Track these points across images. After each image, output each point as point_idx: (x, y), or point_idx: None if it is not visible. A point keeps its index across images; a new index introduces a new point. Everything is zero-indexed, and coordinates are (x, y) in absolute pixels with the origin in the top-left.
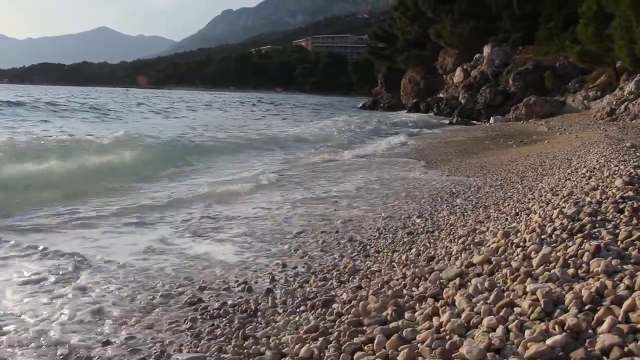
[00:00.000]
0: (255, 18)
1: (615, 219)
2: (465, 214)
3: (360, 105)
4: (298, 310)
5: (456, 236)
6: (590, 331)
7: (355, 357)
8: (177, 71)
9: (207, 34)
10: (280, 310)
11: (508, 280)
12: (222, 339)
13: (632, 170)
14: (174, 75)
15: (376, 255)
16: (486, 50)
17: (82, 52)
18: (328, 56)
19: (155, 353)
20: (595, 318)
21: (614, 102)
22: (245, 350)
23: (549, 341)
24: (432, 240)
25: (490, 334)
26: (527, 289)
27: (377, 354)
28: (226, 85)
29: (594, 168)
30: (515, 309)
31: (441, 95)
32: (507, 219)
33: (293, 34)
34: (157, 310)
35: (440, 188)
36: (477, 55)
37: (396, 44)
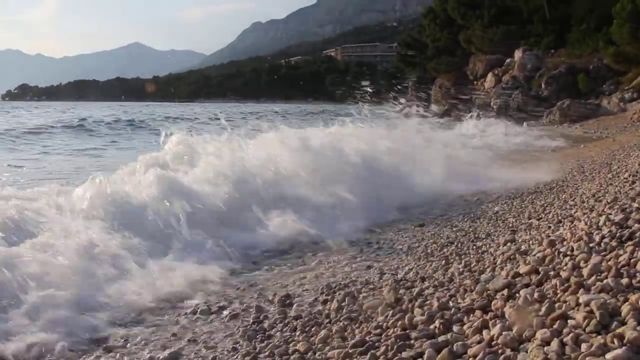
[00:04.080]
0: (284, 30)
1: None
2: (506, 221)
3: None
4: (343, 323)
5: (499, 244)
6: None
7: None
8: (208, 84)
9: (237, 46)
10: (326, 322)
11: (558, 291)
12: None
13: None
14: (206, 88)
15: None
16: (517, 54)
17: (115, 68)
18: (358, 65)
19: None
20: None
21: None
22: None
23: (608, 356)
24: (473, 249)
25: (545, 348)
26: (580, 300)
27: None
28: (257, 97)
29: (637, 172)
30: (569, 321)
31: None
32: (549, 227)
33: (322, 44)
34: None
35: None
36: (508, 60)
37: (426, 51)
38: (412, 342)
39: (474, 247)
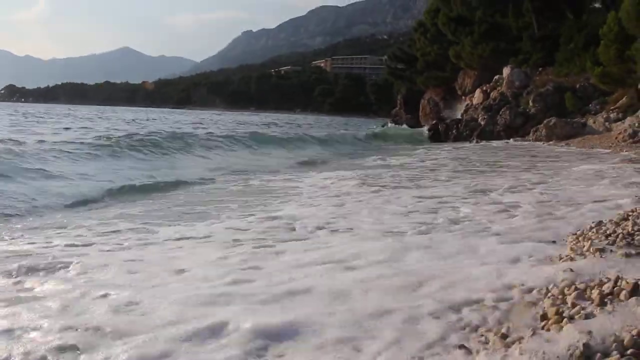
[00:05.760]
0: (274, 39)
1: None
2: None
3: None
4: None
5: None
6: None
7: None
8: (197, 91)
9: (227, 54)
10: None
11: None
12: None
13: None
14: (195, 95)
15: None
16: (506, 71)
17: (104, 72)
18: (347, 77)
19: None
20: None
21: (636, 124)
22: None
23: None
24: None
25: None
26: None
27: None
28: (246, 105)
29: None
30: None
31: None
32: None
33: (312, 54)
34: None
35: None
36: (496, 77)
37: (415, 65)
38: None
39: None
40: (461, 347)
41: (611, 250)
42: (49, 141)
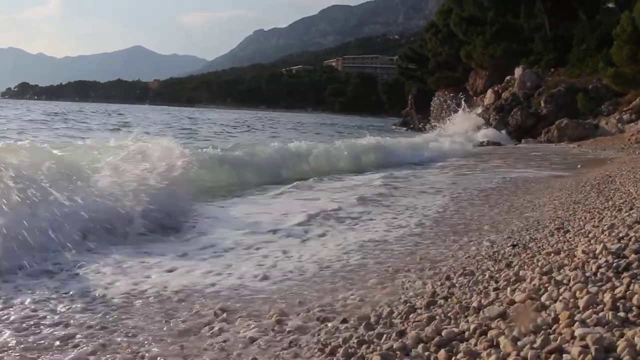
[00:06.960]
0: (286, 38)
1: None
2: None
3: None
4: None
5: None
6: None
7: None
8: (208, 89)
9: (238, 53)
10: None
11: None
12: None
13: None
14: (205, 94)
15: None
16: (518, 72)
17: (117, 70)
18: (358, 76)
19: None
20: None
21: None
22: None
23: None
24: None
25: None
26: (576, 334)
27: None
28: (257, 104)
29: (634, 198)
30: (564, 355)
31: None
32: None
33: (323, 54)
34: None
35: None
36: (508, 77)
37: (427, 65)
38: None
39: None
40: None
41: (623, 254)
42: None
